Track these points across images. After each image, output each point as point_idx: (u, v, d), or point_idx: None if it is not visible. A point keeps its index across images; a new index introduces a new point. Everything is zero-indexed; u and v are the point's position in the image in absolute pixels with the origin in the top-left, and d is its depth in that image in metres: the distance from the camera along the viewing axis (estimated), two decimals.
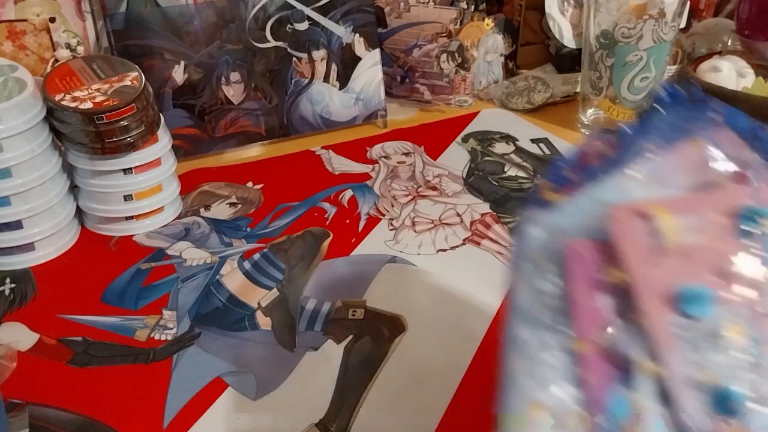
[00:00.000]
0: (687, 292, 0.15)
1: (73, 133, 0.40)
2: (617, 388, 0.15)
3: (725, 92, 0.51)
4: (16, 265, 0.40)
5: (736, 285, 0.16)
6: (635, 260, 0.16)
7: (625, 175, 0.18)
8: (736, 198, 0.17)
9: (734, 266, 0.16)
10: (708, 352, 0.15)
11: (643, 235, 0.16)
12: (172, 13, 0.49)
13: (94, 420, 0.30)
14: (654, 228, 0.16)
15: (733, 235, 0.16)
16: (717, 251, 0.16)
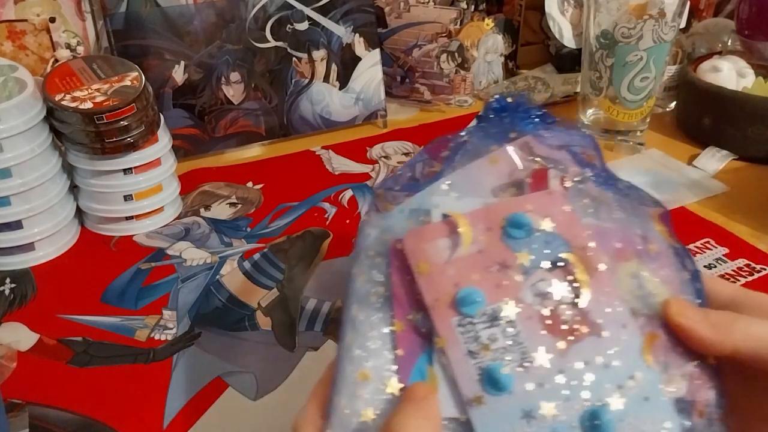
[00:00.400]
0: (463, 297, 0.19)
1: (73, 133, 0.40)
2: (421, 361, 0.19)
3: (725, 92, 0.52)
4: (16, 265, 0.40)
5: (506, 284, 0.20)
6: (421, 270, 0.20)
7: (439, 187, 0.21)
8: (508, 208, 0.21)
9: (505, 268, 0.20)
10: (484, 342, 0.19)
11: (435, 242, 0.20)
12: (172, 13, 0.49)
13: (94, 420, 0.30)
14: (454, 234, 0.20)
15: (501, 240, 0.20)
16: (486, 258, 0.20)
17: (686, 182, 0.49)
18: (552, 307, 0.19)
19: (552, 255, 0.20)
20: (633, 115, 0.55)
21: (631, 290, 0.20)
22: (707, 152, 0.52)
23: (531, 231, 0.20)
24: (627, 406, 0.18)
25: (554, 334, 0.19)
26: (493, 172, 0.22)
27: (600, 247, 0.20)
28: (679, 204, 0.46)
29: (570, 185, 0.21)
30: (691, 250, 0.41)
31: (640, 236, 0.21)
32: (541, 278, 0.19)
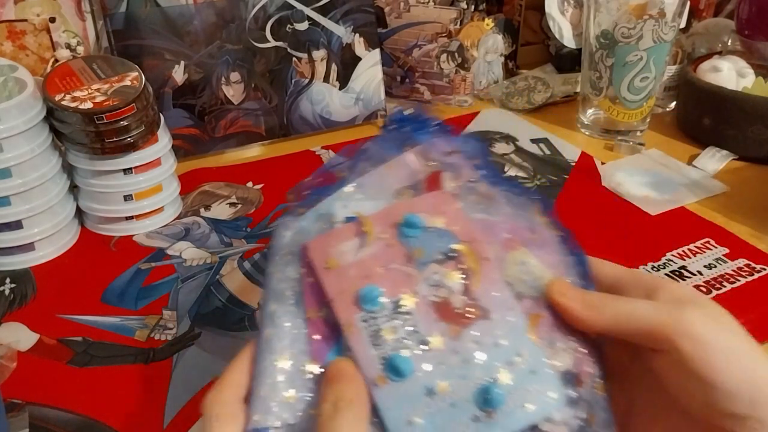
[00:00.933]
0: (364, 295, 0.21)
1: (73, 133, 0.40)
2: (333, 348, 0.21)
3: (725, 92, 0.52)
4: (16, 265, 0.40)
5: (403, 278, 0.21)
6: (325, 273, 0.22)
7: (344, 191, 0.24)
8: (403, 209, 0.23)
9: (402, 264, 0.22)
10: (386, 333, 0.21)
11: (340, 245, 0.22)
12: (172, 13, 0.49)
13: (94, 420, 0.30)
14: (358, 235, 0.22)
15: (397, 239, 0.22)
16: (385, 257, 0.22)
17: (686, 182, 0.49)
18: (445, 296, 0.21)
19: (443, 248, 0.22)
20: (633, 115, 0.55)
21: (518, 276, 0.22)
22: (707, 152, 0.52)
23: (424, 229, 0.22)
24: (515, 380, 0.20)
25: (448, 320, 0.21)
26: (393, 176, 0.24)
27: (488, 238, 0.23)
28: (679, 204, 0.46)
29: (461, 185, 0.24)
30: (691, 250, 0.41)
31: (526, 227, 0.24)
32: (434, 271, 0.22)
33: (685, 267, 0.40)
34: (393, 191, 0.24)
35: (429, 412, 0.19)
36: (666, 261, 0.40)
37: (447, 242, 0.22)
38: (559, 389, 0.20)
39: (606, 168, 0.51)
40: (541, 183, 0.49)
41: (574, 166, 0.51)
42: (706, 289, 0.38)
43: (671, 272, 0.39)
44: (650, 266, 0.40)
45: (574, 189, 0.49)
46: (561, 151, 0.54)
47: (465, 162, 0.25)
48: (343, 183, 0.24)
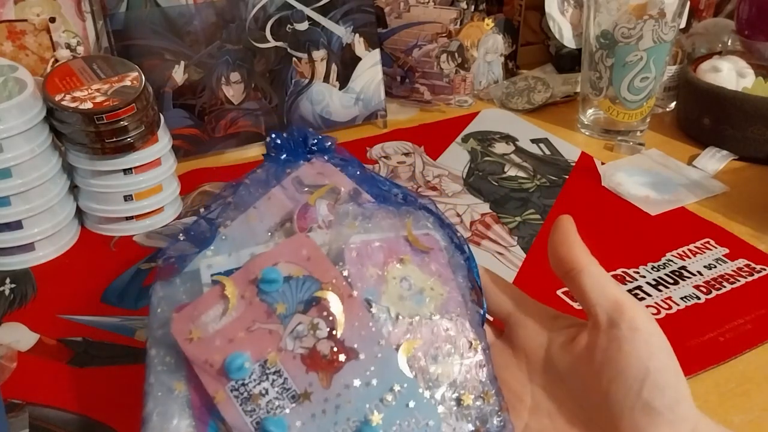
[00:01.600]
0: (229, 364, 0.21)
1: (73, 133, 0.40)
2: (213, 418, 0.21)
3: (725, 92, 0.52)
4: (16, 265, 0.40)
5: (267, 338, 0.21)
6: (187, 348, 0.21)
7: (205, 253, 0.23)
8: (260, 264, 0.22)
9: (264, 323, 0.21)
10: (256, 398, 0.21)
11: (202, 315, 0.22)
12: (172, 13, 0.49)
13: (94, 420, 0.30)
14: (222, 299, 0.22)
15: (257, 297, 0.22)
16: (248, 318, 0.22)
17: (686, 182, 0.49)
18: (311, 345, 0.21)
19: (304, 296, 0.22)
20: (633, 115, 0.55)
21: (399, 294, 0.22)
22: (707, 152, 0.52)
23: (283, 281, 0.22)
24: (388, 417, 0.20)
25: (316, 369, 0.21)
26: (267, 216, 0.24)
27: (363, 264, 0.22)
28: (679, 204, 0.46)
29: (336, 210, 0.24)
30: (691, 250, 0.41)
31: (405, 239, 0.24)
32: (298, 322, 0.21)
33: (685, 267, 0.40)
34: (265, 232, 0.24)
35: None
36: (666, 261, 0.40)
37: (308, 289, 0.22)
38: (436, 415, 0.21)
39: (606, 168, 0.51)
40: (540, 183, 0.49)
41: (574, 166, 0.51)
42: (706, 289, 0.38)
43: (671, 272, 0.39)
44: (650, 266, 0.40)
45: (574, 189, 0.49)
46: (561, 152, 0.54)
47: (342, 179, 0.25)
48: (210, 239, 0.24)
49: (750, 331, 0.35)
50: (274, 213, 0.24)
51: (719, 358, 0.33)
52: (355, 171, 0.26)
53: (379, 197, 0.25)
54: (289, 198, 0.25)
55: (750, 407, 0.31)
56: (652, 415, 0.20)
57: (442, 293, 0.23)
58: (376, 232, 0.24)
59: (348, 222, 0.24)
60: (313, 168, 0.26)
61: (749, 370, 0.33)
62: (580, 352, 0.22)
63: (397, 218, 0.24)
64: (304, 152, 0.26)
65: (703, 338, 0.34)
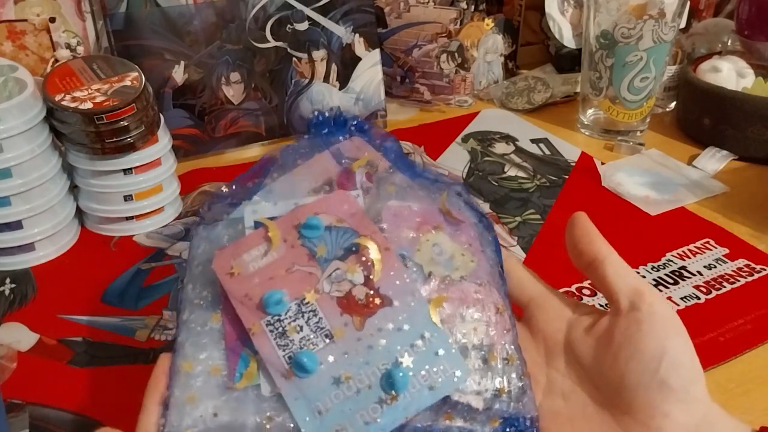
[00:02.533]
0: (267, 299, 0.22)
1: (73, 133, 0.40)
2: (244, 353, 0.22)
3: (725, 92, 0.52)
4: (16, 265, 0.40)
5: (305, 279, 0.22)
6: (227, 282, 0.23)
7: (254, 198, 0.25)
8: (303, 213, 0.24)
9: (303, 265, 0.23)
10: (291, 333, 0.22)
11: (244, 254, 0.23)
12: (172, 13, 0.49)
13: (94, 420, 0.30)
14: (264, 241, 0.23)
15: (298, 241, 0.23)
16: (288, 259, 0.23)
17: (686, 182, 0.49)
18: (347, 289, 0.22)
19: (344, 244, 0.23)
20: (633, 115, 0.55)
21: (431, 257, 0.24)
22: (707, 152, 0.52)
23: (324, 228, 0.23)
24: (417, 362, 0.21)
25: (351, 312, 0.22)
26: (306, 177, 0.26)
27: (398, 225, 0.24)
28: (679, 204, 0.46)
29: (376, 176, 0.25)
30: (691, 251, 0.41)
31: (438, 211, 0.25)
32: (336, 267, 0.23)
33: (685, 267, 0.40)
34: (307, 191, 0.25)
35: (336, 401, 0.21)
36: (666, 261, 0.40)
37: (347, 238, 0.23)
38: (464, 366, 0.22)
39: (606, 168, 0.51)
40: (540, 183, 0.49)
41: (574, 167, 0.51)
42: (706, 289, 0.38)
43: (671, 272, 0.39)
44: (650, 266, 0.40)
45: (574, 189, 0.49)
46: (561, 152, 0.54)
47: (384, 156, 0.26)
48: (255, 189, 0.25)
49: (750, 331, 0.35)
50: (317, 174, 0.26)
51: (719, 358, 0.33)
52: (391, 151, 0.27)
53: (414, 177, 0.26)
54: (331, 164, 0.26)
55: (750, 407, 0.31)
56: (667, 393, 0.21)
57: (473, 261, 0.24)
58: (412, 201, 0.25)
59: (386, 187, 0.25)
60: (352, 144, 0.27)
61: (749, 370, 0.33)
62: (600, 334, 0.23)
63: (431, 191, 0.26)
64: (343, 130, 0.27)
65: (703, 338, 0.34)
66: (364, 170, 0.26)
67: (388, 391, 0.21)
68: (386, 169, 0.26)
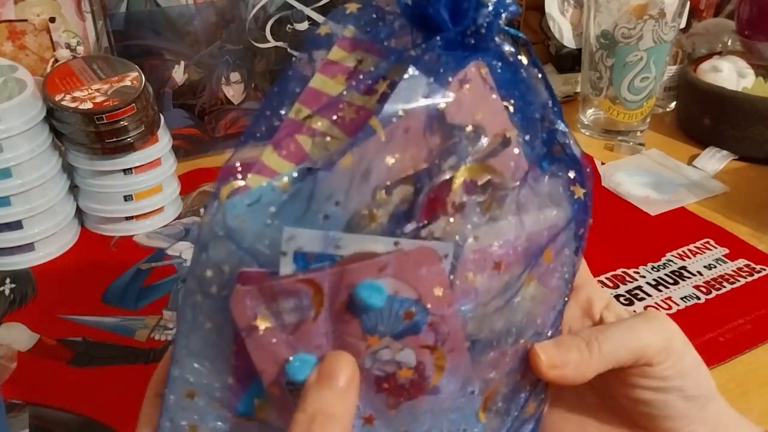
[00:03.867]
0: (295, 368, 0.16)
1: (73, 133, 0.40)
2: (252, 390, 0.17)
3: (725, 92, 0.52)
4: (16, 265, 0.40)
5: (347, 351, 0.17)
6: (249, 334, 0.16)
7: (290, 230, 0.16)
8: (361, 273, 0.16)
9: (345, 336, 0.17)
10: None
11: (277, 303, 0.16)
12: (172, 13, 0.49)
13: (94, 420, 0.30)
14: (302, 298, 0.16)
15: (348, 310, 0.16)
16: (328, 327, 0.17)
17: (686, 182, 0.49)
18: (391, 371, 0.17)
19: (401, 326, 0.17)
20: (633, 116, 0.55)
21: (509, 321, 0.18)
22: (707, 152, 0.52)
23: (383, 302, 0.16)
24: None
25: (388, 393, 0.17)
26: (392, 163, 0.15)
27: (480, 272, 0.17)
28: (679, 204, 0.46)
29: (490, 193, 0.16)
30: (691, 251, 0.41)
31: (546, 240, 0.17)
32: (387, 345, 0.17)
33: (685, 267, 0.40)
34: (374, 193, 0.16)
35: None
36: (666, 261, 0.40)
37: (408, 318, 0.17)
38: None
39: (606, 168, 0.51)
40: None
41: None
42: (706, 289, 0.38)
43: (671, 272, 0.39)
44: (650, 267, 0.40)
45: None
46: None
47: (503, 119, 0.16)
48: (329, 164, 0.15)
49: (750, 332, 0.34)
50: (401, 163, 0.15)
51: (719, 358, 0.33)
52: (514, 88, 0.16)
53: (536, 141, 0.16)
54: (428, 144, 0.15)
55: (750, 408, 0.31)
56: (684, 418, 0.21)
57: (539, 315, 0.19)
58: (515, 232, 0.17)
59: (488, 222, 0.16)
60: (471, 90, 0.15)
61: (749, 370, 0.32)
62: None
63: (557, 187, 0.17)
64: (464, 39, 0.15)
65: (703, 338, 0.34)
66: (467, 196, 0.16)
67: None
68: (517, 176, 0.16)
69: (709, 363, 0.32)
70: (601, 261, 0.40)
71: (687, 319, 0.35)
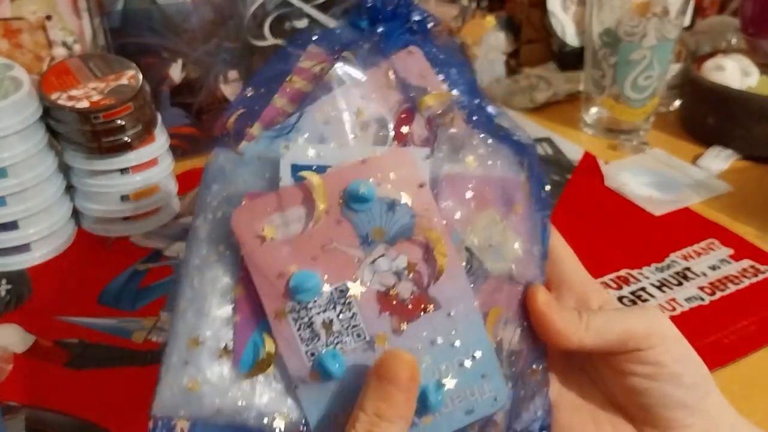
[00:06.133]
0: (300, 283, 0.17)
1: (69, 132, 0.39)
2: (257, 331, 0.18)
3: (729, 91, 0.51)
4: (11, 266, 0.39)
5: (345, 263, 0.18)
6: (251, 248, 0.18)
7: (293, 133, 0.19)
8: (352, 174, 0.18)
9: (344, 245, 0.18)
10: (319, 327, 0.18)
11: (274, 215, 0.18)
12: (170, 11, 0.48)
13: (90, 423, 0.29)
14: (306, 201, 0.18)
15: (341, 212, 0.18)
16: (326, 233, 0.18)
17: (690, 182, 0.49)
18: (392, 284, 0.18)
19: (396, 225, 0.18)
20: (637, 114, 0.54)
21: (485, 242, 0.19)
22: (711, 152, 0.52)
23: (372, 201, 0.18)
24: (461, 383, 0.18)
25: (393, 313, 0.18)
26: (367, 101, 0.19)
27: (454, 197, 0.19)
28: (683, 204, 0.46)
29: (435, 130, 0.19)
30: (695, 251, 0.41)
31: (500, 185, 0.19)
32: (382, 254, 0.18)
33: (689, 268, 0.39)
34: (356, 129, 0.19)
35: None
36: (670, 262, 0.40)
37: (401, 218, 0.18)
38: (505, 392, 0.19)
39: (609, 168, 0.50)
40: None
41: (577, 166, 0.51)
42: (710, 290, 0.37)
43: (675, 273, 0.39)
44: (654, 267, 0.39)
45: (577, 189, 0.48)
46: (564, 151, 0.53)
47: (453, 99, 0.19)
48: (298, 109, 0.19)
49: (754, 333, 0.34)
50: (375, 102, 0.19)
51: (723, 360, 0.32)
52: (459, 80, 0.20)
53: (483, 126, 0.20)
54: (392, 91, 0.19)
55: (753, 410, 0.30)
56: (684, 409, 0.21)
57: (520, 254, 0.20)
58: (474, 168, 0.19)
59: (464, 154, 0.19)
60: (412, 60, 0.19)
61: (753, 372, 0.32)
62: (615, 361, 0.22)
63: (502, 157, 0.20)
64: (403, 30, 0.20)
65: (706, 340, 0.33)
66: (428, 112, 0.19)
67: (421, 411, 0.18)
68: (462, 124, 0.19)
69: (713, 365, 0.32)
70: (604, 262, 0.39)
71: (691, 320, 0.35)
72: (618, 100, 0.54)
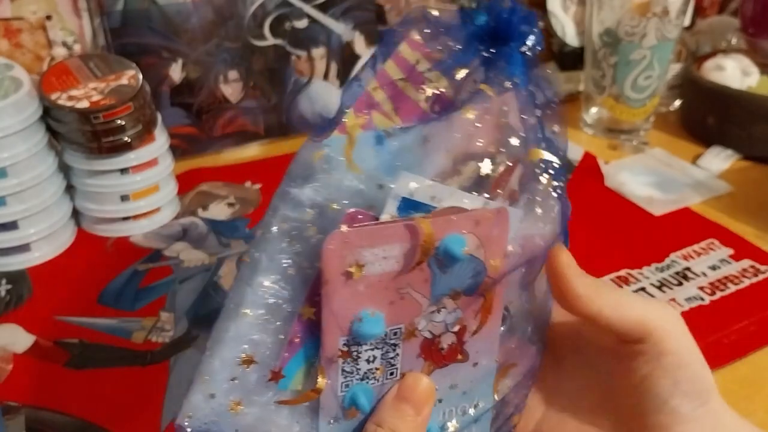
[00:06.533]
0: (365, 324, 0.17)
1: (69, 132, 0.39)
2: (305, 349, 0.17)
3: (730, 91, 0.51)
4: (11, 266, 0.39)
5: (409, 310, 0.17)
6: (334, 287, 0.16)
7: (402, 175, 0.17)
8: (449, 226, 0.17)
9: (410, 290, 0.17)
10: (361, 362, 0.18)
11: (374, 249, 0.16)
12: (170, 11, 0.48)
13: (90, 423, 0.29)
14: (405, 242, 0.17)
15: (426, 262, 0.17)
16: (405, 277, 0.17)
17: (690, 182, 0.48)
18: (437, 333, 0.18)
19: (467, 284, 0.18)
20: (637, 114, 0.54)
21: (523, 300, 0.19)
22: (711, 152, 0.52)
23: (460, 261, 0.17)
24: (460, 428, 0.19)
25: (427, 358, 0.18)
26: (479, 135, 0.17)
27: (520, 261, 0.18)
28: (683, 204, 0.46)
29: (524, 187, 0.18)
30: (695, 251, 0.41)
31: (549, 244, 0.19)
32: (444, 306, 0.18)
33: (689, 268, 0.39)
34: (454, 156, 0.17)
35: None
36: (670, 262, 0.40)
37: (473, 276, 0.18)
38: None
39: (609, 168, 0.50)
40: None
41: (577, 166, 0.51)
42: (710, 290, 0.37)
43: (675, 273, 0.39)
44: (654, 267, 0.39)
45: (577, 189, 0.48)
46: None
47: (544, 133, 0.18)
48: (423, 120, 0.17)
49: (754, 333, 0.34)
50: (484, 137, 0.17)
51: (723, 360, 0.32)
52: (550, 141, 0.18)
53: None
54: (502, 129, 0.17)
55: (753, 410, 0.30)
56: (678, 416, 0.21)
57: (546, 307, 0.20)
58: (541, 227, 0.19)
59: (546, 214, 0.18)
60: (514, 102, 0.18)
61: (753, 372, 0.32)
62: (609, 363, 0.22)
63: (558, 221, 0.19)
64: (517, 54, 0.17)
65: (707, 340, 0.33)
66: (529, 167, 0.18)
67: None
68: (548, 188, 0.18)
69: (713, 365, 0.32)
70: (604, 262, 0.39)
71: (691, 320, 0.34)
72: (618, 100, 0.53)
